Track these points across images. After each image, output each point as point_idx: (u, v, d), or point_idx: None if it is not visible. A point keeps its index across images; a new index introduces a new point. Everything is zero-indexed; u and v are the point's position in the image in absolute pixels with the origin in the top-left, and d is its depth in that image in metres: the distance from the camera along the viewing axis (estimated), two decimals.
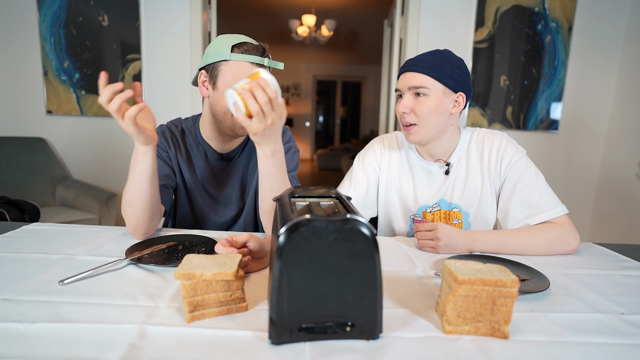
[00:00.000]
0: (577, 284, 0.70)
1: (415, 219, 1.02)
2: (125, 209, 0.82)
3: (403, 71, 0.94)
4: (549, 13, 2.36)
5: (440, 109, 0.91)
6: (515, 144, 0.97)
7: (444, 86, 0.90)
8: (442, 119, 0.92)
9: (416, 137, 0.94)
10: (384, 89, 3.17)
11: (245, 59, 0.85)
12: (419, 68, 0.90)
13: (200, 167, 1.01)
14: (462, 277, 0.49)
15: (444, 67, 0.90)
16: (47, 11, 2.39)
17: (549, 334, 0.52)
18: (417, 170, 1.03)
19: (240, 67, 0.85)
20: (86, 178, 2.57)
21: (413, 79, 0.90)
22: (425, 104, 0.90)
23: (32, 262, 0.70)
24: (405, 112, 0.92)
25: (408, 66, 0.92)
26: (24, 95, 2.49)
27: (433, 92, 0.90)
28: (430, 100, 0.90)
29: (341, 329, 0.48)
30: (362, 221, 0.47)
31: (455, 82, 0.91)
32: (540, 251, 0.85)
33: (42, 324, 0.50)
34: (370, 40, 5.71)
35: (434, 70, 0.89)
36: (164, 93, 2.51)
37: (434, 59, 0.90)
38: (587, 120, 2.49)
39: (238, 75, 0.85)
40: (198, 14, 2.42)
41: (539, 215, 0.88)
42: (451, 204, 0.99)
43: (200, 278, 0.52)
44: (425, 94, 0.90)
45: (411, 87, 0.91)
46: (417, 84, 0.90)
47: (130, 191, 0.80)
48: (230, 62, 0.86)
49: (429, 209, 1.01)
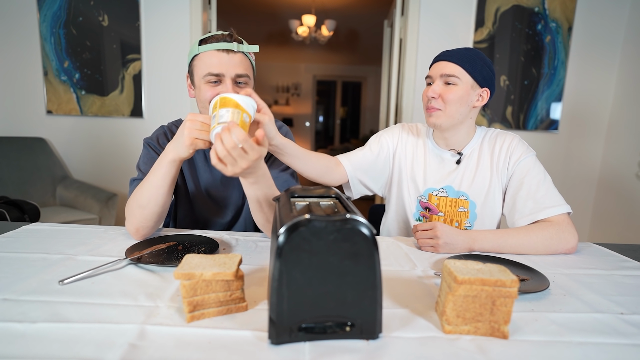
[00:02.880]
0: (576, 283, 0.70)
1: (422, 200, 1.05)
2: (135, 210, 0.82)
3: (438, 60, 0.98)
4: (548, 13, 2.36)
5: (466, 99, 0.95)
6: (526, 144, 1.00)
7: (472, 79, 0.95)
8: (465, 109, 0.97)
9: (438, 120, 0.97)
10: (384, 89, 3.17)
11: (210, 48, 0.85)
12: (453, 58, 0.95)
13: (201, 168, 1.01)
14: (462, 277, 0.49)
15: (476, 62, 0.94)
16: (47, 11, 2.39)
17: (549, 334, 0.52)
18: (430, 155, 1.07)
19: (208, 56, 0.85)
20: (86, 178, 2.58)
21: (447, 68, 0.95)
22: (453, 92, 0.94)
23: (32, 262, 0.70)
24: (434, 97, 0.96)
25: (443, 56, 0.97)
26: (24, 95, 2.50)
27: (462, 82, 0.94)
28: (458, 89, 0.94)
29: (341, 328, 0.48)
30: (361, 221, 0.47)
31: (483, 78, 0.95)
32: (540, 249, 0.85)
33: (42, 324, 0.50)
34: (370, 40, 5.71)
35: (467, 63, 0.94)
36: (164, 93, 2.51)
37: (468, 53, 0.95)
38: (587, 120, 2.49)
39: (207, 65, 0.85)
40: (198, 14, 2.42)
41: (544, 210, 0.90)
42: (459, 192, 1.02)
43: (200, 278, 0.52)
44: (455, 83, 0.94)
45: (443, 75, 0.95)
46: (450, 72, 0.94)
47: (146, 194, 0.80)
48: (199, 55, 0.87)
49: (435, 192, 1.03)
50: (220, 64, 0.84)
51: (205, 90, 0.86)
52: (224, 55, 0.85)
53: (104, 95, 2.49)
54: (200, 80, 0.87)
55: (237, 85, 0.87)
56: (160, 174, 0.78)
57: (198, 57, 0.87)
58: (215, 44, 0.85)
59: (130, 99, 2.50)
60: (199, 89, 0.88)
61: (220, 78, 0.85)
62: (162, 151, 0.96)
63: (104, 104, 2.50)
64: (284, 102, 8.12)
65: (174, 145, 0.76)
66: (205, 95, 0.86)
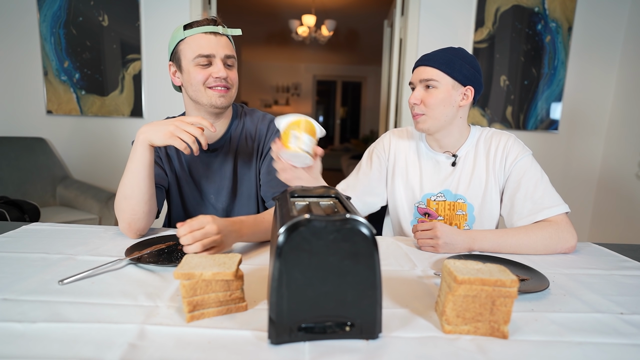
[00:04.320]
0: (576, 283, 0.70)
1: (420, 206, 1.04)
2: (121, 203, 0.83)
3: (417, 65, 0.99)
4: (548, 13, 2.36)
5: (449, 100, 0.95)
6: (522, 144, 0.99)
7: (453, 80, 0.94)
8: (450, 110, 0.96)
9: (424, 125, 0.98)
10: (384, 89, 3.17)
11: (198, 31, 0.87)
12: (430, 62, 0.95)
13: (189, 160, 1.01)
14: (462, 277, 0.49)
15: (454, 62, 0.94)
16: (47, 11, 2.39)
17: (549, 334, 0.52)
18: (424, 160, 1.06)
19: (196, 39, 0.87)
20: (86, 178, 2.57)
21: (425, 73, 0.95)
22: (433, 96, 0.95)
23: (32, 262, 0.70)
24: (416, 104, 0.97)
25: (422, 60, 0.98)
26: (24, 95, 2.49)
27: (442, 84, 0.94)
28: (439, 92, 0.95)
29: (341, 328, 0.48)
30: (361, 221, 0.47)
31: (465, 77, 0.95)
32: (539, 248, 0.85)
33: (41, 324, 0.50)
34: (370, 40, 5.71)
35: (444, 64, 0.94)
36: (164, 93, 2.51)
37: (446, 55, 0.95)
38: (587, 120, 2.49)
39: (196, 47, 0.87)
40: (198, 14, 2.42)
41: (543, 211, 0.89)
42: (456, 195, 1.01)
43: (199, 278, 0.52)
44: (434, 86, 0.95)
45: (422, 80, 0.96)
46: (428, 77, 0.95)
47: (127, 183, 0.83)
48: (186, 39, 0.88)
49: (434, 197, 1.03)
50: (210, 45, 0.87)
51: (196, 73, 0.88)
52: (212, 37, 0.88)
53: (104, 95, 2.49)
54: (190, 63, 0.88)
55: (227, 67, 0.90)
56: (135, 158, 0.81)
57: (184, 41, 0.89)
58: (202, 27, 0.87)
59: (130, 99, 2.50)
60: (189, 72, 0.89)
61: (210, 60, 0.88)
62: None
63: (104, 104, 2.50)
64: (284, 102, 8.12)
65: (150, 129, 0.79)
66: (197, 77, 0.88)
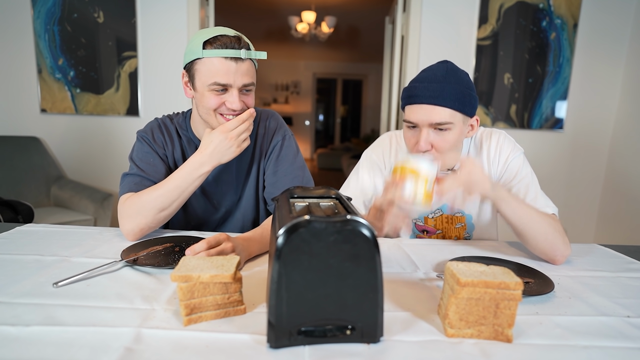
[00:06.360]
0: (582, 286, 0.69)
1: (417, 223, 1.02)
2: (148, 211, 0.82)
3: (419, 102, 0.81)
4: (554, 9, 2.34)
5: (461, 138, 0.85)
6: (512, 141, 0.95)
7: (464, 115, 0.83)
8: (459, 146, 0.89)
9: None
10: (385, 87, 3.15)
11: (217, 54, 0.79)
12: (441, 101, 0.79)
13: None
14: (465, 280, 0.49)
15: (465, 95, 0.81)
16: (42, 8, 2.36)
17: (554, 338, 0.51)
18: None
19: (215, 64, 0.80)
20: (81, 178, 2.55)
21: (436, 115, 0.79)
22: (447, 140, 0.81)
23: (26, 264, 0.69)
24: (427, 150, 0.82)
25: (428, 98, 0.80)
26: (18, 93, 2.47)
27: (456, 125, 0.82)
28: (452, 134, 0.82)
29: (341, 332, 0.48)
30: (362, 222, 0.46)
31: (473, 107, 0.84)
32: (541, 238, 0.78)
33: (36, 327, 0.49)
34: (371, 37, 5.68)
35: (457, 101, 0.80)
36: (161, 91, 2.49)
37: (452, 88, 0.80)
38: (593, 118, 2.46)
39: (213, 73, 0.80)
40: (195, 10, 2.40)
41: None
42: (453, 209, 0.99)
43: (197, 280, 0.51)
44: (448, 128, 0.81)
45: (433, 124, 0.80)
46: (441, 119, 0.79)
47: (171, 197, 0.83)
48: (203, 59, 0.81)
49: (431, 214, 1.00)
50: (228, 73, 0.80)
51: (209, 98, 0.83)
52: (232, 64, 0.80)
53: (99, 93, 2.47)
54: (204, 88, 0.83)
55: (243, 94, 0.86)
56: (196, 183, 0.84)
57: (202, 61, 0.81)
58: (222, 50, 0.80)
59: (126, 97, 2.48)
60: (202, 95, 0.84)
61: (226, 87, 0.83)
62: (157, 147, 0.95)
63: (99, 103, 2.48)
64: (284, 100, 8.11)
65: (216, 154, 0.82)
66: (209, 103, 0.84)
